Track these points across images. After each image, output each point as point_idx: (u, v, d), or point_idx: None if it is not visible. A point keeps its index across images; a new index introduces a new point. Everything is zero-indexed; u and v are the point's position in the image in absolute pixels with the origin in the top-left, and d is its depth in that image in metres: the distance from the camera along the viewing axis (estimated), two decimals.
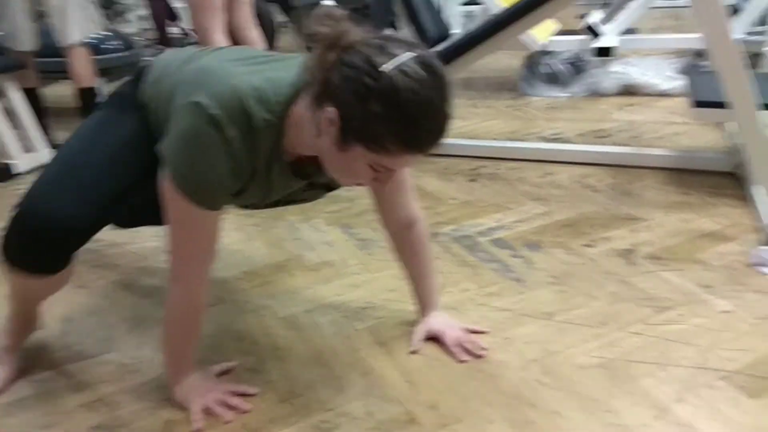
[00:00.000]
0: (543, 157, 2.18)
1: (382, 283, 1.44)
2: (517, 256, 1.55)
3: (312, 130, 0.88)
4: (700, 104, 1.73)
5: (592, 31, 2.84)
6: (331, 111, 0.83)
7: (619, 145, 2.25)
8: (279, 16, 2.81)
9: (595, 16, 2.98)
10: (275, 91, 0.91)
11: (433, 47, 2.37)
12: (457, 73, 2.14)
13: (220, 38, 1.83)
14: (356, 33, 0.83)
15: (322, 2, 2.19)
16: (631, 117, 2.58)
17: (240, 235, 1.72)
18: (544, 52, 3.00)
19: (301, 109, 0.90)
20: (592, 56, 2.86)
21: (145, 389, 1.14)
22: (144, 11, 4.26)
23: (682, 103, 2.36)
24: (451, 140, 0.84)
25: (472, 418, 1.04)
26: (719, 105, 1.65)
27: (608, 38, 2.85)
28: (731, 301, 1.32)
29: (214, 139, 0.88)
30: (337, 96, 0.82)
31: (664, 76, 2.85)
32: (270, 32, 2.57)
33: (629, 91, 2.87)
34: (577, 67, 2.94)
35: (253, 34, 2.07)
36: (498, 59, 3.43)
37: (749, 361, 1.15)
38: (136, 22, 4.29)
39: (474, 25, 3.04)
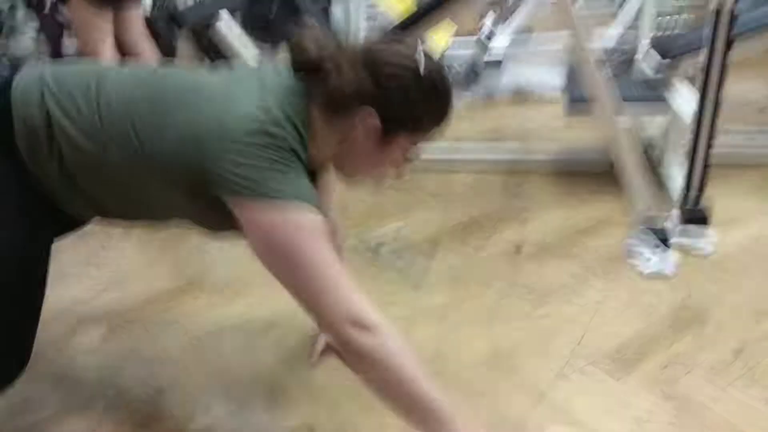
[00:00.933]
0: (442, 161, 2.28)
1: (286, 299, 1.48)
2: (415, 261, 1.63)
3: (333, 137, 0.92)
4: (573, 101, 1.88)
5: (483, 44, 3.00)
6: (369, 110, 0.89)
7: (512, 146, 2.39)
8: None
9: (488, 22, 3.13)
10: (284, 114, 0.88)
11: None
12: None
13: (106, 53, 1.80)
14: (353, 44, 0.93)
15: (217, 20, 2.18)
16: (524, 119, 2.74)
17: (143, 258, 1.71)
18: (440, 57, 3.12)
19: (317, 121, 0.91)
20: (486, 60, 3.01)
21: None
22: (35, 28, 4.05)
23: None
24: None
25: (369, 423, 1.10)
26: (588, 102, 1.78)
27: (498, 47, 3.00)
28: (602, 291, 1.46)
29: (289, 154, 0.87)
30: (373, 96, 0.88)
31: (556, 78, 3.05)
32: (169, 44, 2.53)
33: (523, 93, 3.04)
34: (472, 72, 3.08)
35: (146, 47, 2.04)
36: None
37: (616, 345, 1.28)
38: (29, 39, 4.07)
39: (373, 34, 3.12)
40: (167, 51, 2.29)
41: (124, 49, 1.93)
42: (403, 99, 0.89)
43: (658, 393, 1.14)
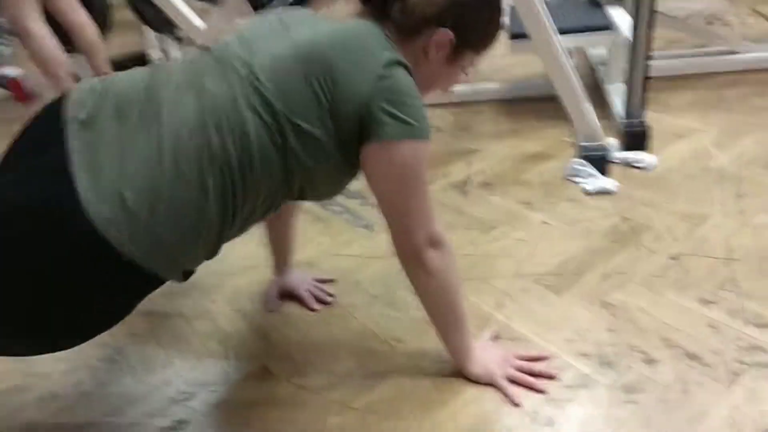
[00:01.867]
0: None
1: (239, 252, 1.50)
2: (366, 204, 1.64)
3: (408, 59, 0.91)
4: (514, 36, 1.88)
5: None
6: (443, 32, 0.92)
7: (460, 87, 2.38)
8: None
9: None
10: (378, 42, 0.90)
11: None
12: None
13: (35, 25, 1.74)
14: None
15: None
16: None
17: None
18: None
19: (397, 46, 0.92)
20: None
21: None
22: None
23: None
24: None
25: (322, 360, 1.14)
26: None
27: None
28: (547, 213, 1.50)
29: (412, 81, 0.90)
30: (449, 17, 0.91)
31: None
32: (102, 14, 2.45)
33: None
34: None
35: (81, 17, 1.97)
36: None
37: (557, 262, 1.32)
38: None
39: None
40: (101, 22, 2.22)
41: (58, 21, 1.86)
42: (476, 19, 0.94)
43: (597, 303, 1.19)
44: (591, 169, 1.60)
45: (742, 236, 1.33)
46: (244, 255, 1.45)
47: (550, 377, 1.03)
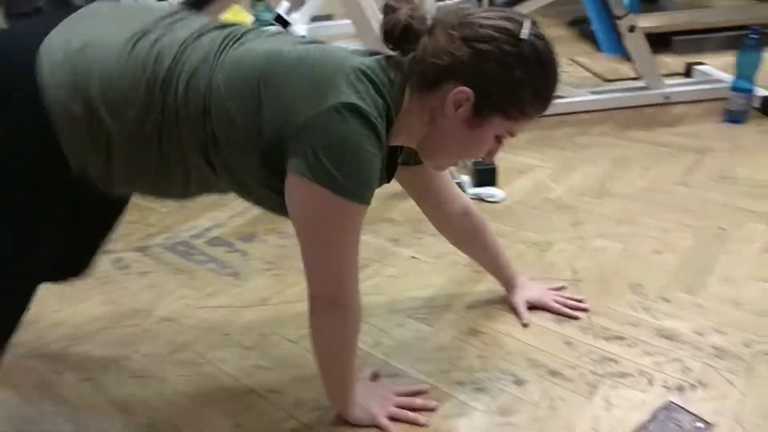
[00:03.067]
0: None
1: (87, 313, 1.36)
2: (233, 250, 1.59)
3: (423, 116, 0.86)
4: None
5: (282, 22, 2.97)
6: (463, 89, 0.82)
7: None
8: None
9: (282, 6, 3.11)
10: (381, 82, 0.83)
11: None
12: None
13: None
14: (454, 11, 0.84)
15: None
16: None
17: None
18: None
19: (405, 98, 0.86)
20: None
21: None
22: None
23: None
24: None
25: (194, 424, 1.06)
26: None
27: (298, 27, 3.01)
28: (415, 248, 1.56)
29: (373, 140, 0.81)
30: (470, 72, 0.81)
31: None
32: None
33: None
34: None
35: None
36: None
37: (428, 296, 1.37)
38: None
39: None
40: None
41: None
42: (502, 76, 0.82)
43: (467, 332, 1.25)
44: None
45: (583, 259, 1.48)
46: (93, 316, 1.32)
47: (431, 410, 1.05)
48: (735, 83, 2.22)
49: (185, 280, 1.47)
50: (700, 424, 1.00)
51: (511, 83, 0.83)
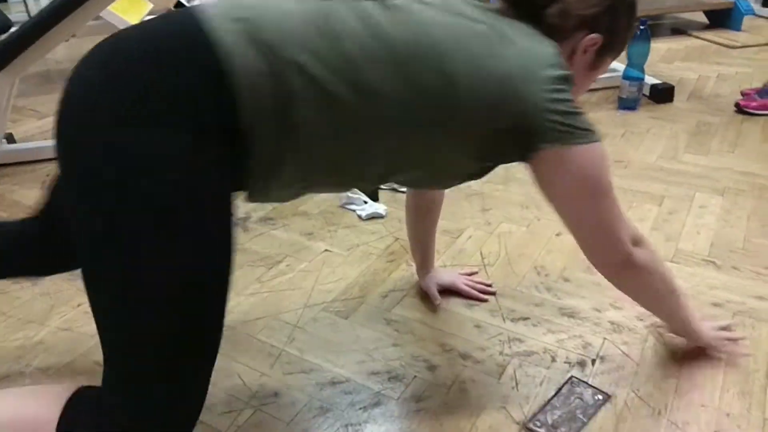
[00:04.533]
0: None
1: None
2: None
3: None
4: None
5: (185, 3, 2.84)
6: (594, 37, 0.90)
7: None
8: None
9: None
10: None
11: None
12: (29, 66, 1.91)
13: None
14: None
15: None
16: None
17: None
18: None
19: None
20: None
21: None
22: None
23: None
24: (52, 142, 0.76)
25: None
26: None
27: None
28: (328, 241, 1.55)
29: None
30: (604, 22, 0.90)
31: None
32: None
33: None
34: None
35: None
36: None
37: (342, 288, 1.37)
38: None
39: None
40: None
41: None
42: (623, 27, 0.94)
43: (381, 321, 1.26)
44: (363, 197, 1.70)
45: (491, 244, 1.53)
46: None
47: (739, 338, 1.16)
48: (626, 72, 2.36)
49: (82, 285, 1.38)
50: (599, 396, 1.06)
51: (627, 30, 0.96)
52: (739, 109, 2.28)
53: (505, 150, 0.86)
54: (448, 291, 1.33)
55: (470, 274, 1.40)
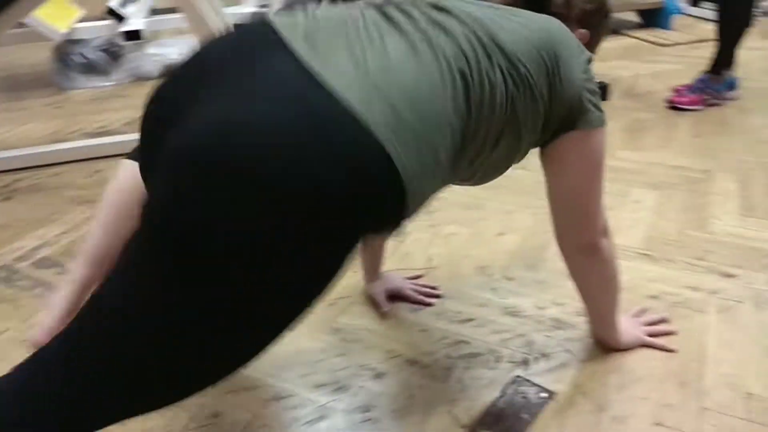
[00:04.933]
0: (89, 154, 2.05)
1: None
2: (64, 271, 1.43)
3: None
4: None
5: (115, 15, 2.74)
6: (584, 32, 0.97)
7: None
8: None
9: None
10: None
11: None
12: None
13: None
14: None
15: None
16: None
17: None
18: (73, 41, 2.77)
19: None
20: (123, 41, 2.78)
21: None
22: None
23: None
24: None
25: None
26: None
27: (134, 21, 2.80)
28: None
29: None
30: (589, 21, 0.98)
31: None
32: None
33: None
34: (113, 53, 2.82)
35: None
36: (28, 53, 3.04)
37: None
38: None
39: None
40: None
41: None
42: (603, 31, 1.03)
43: (327, 331, 1.24)
44: None
45: (436, 246, 1.53)
46: None
47: (671, 333, 1.19)
48: None
49: (7, 310, 1.30)
50: (544, 394, 1.07)
51: (602, 35, 1.04)
52: (671, 105, 2.37)
53: (546, 132, 0.87)
54: (395, 296, 1.32)
55: (416, 278, 1.39)
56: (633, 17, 3.63)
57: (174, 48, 2.95)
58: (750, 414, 1.01)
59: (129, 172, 0.84)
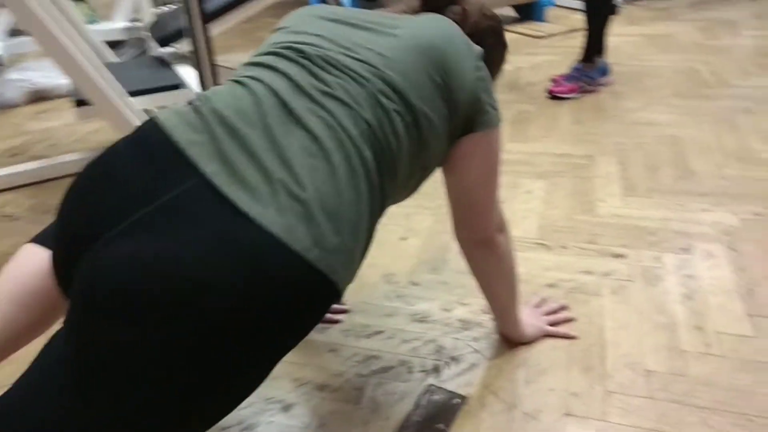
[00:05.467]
0: None
1: None
2: None
3: None
4: (79, 103, 1.72)
5: None
6: (476, 48, 0.90)
7: (37, 159, 2.08)
8: None
9: None
10: None
11: None
12: None
13: None
14: None
15: None
16: (46, 125, 2.41)
17: None
18: None
19: None
20: None
21: None
22: None
23: None
24: None
25: None
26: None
27: None
28: None
29: None
30: (482, 37, 0.96)
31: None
32: None
33: (39, 97, 2.67)
34: None
35: None
36: None
37: None
38: None
39: None
40: None
41: None
42: (498, 58, 1.03)
43: None
44: None
45: None
46: None
47: (571, 320, 1.23)
48: None
49: None
50: (456, 400, 1.06)
51: (498, 64, 1.04)
52: (551, 96, 2.47)
53: (452, 140, 0.89)
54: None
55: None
56: (510, 12, 3.78)
57: (38, 72, 2.71)
58: (652, 391, 1.05)
59: (32, 257, 0.79)
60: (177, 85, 1.91)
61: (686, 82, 2.54)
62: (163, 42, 2.06)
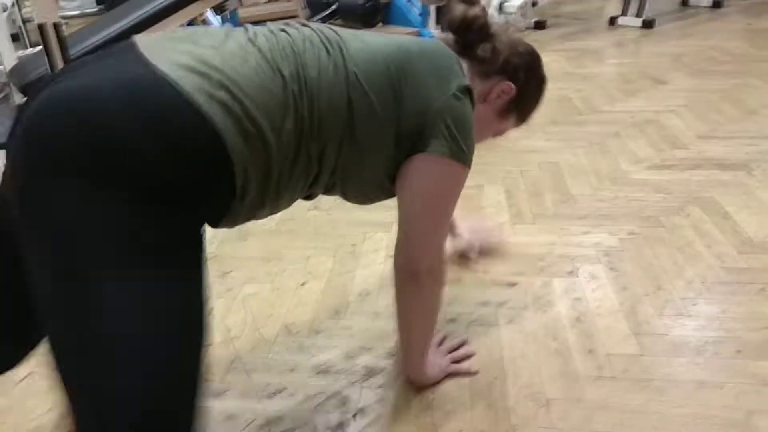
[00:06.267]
0: None
1: None
2: None
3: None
4: None
5: None
6: (509, 85, 1.01)
7: None
8: None
9: None
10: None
11: None
12: None
13: None
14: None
15: None
16: None
17: None
18: None
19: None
20: None
21: None
22: None
23: None
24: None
25: None
26: None
27: None
28: None
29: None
30: (515, 74, 1.01)
31: None
32: None
33: None
34: None
35: None
36: None
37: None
38: None
39: None
40: None
41: None
42: (533, 94, 1.07)
43: None
44: None
45: (236, 313, 1.42)
46: None
47: (472, 354, 1.24)
48: None
49: None
50: None
51: (534, 100, 1.09)
52: None
53: (400, 151, 0.92)
54: None
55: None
56: None
57: None
58: (552, 421, 1.08)
59: None
60: None
61: (560, 109, 2.71)
62: (26, 90, 1.90)
